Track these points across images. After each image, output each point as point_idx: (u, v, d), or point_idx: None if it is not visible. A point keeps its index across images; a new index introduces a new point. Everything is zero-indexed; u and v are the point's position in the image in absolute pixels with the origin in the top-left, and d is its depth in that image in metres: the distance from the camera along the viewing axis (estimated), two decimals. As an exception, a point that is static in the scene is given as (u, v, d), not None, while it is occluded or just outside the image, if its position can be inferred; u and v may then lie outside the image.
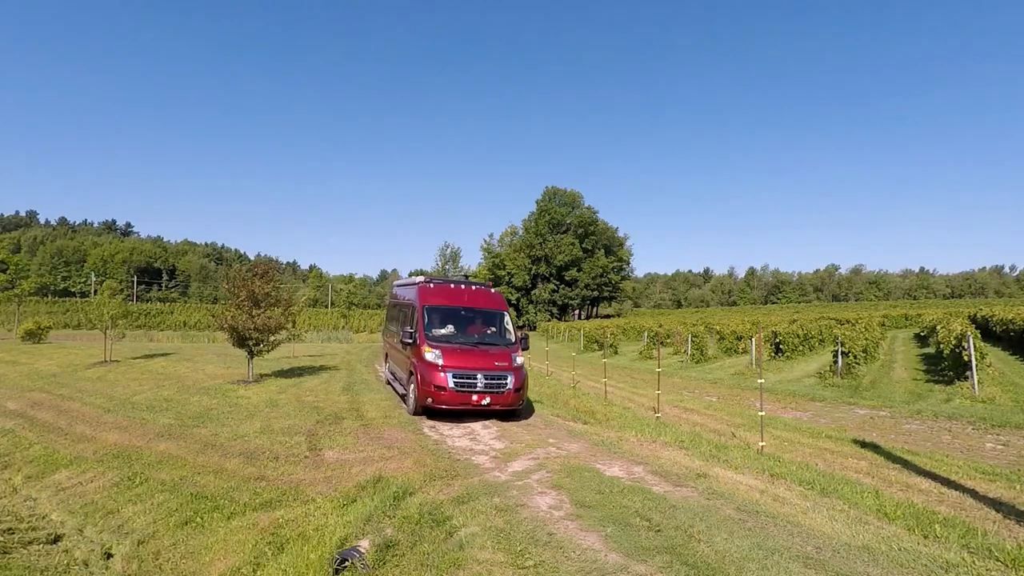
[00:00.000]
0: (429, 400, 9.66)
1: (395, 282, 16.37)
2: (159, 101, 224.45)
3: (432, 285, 11.48)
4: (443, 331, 10.61)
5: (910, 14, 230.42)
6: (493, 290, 11.95)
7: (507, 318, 11.44)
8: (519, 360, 10.41)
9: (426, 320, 10.57)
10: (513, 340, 10.99)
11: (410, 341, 10.39)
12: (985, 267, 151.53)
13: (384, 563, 4.78)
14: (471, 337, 10.79)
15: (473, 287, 11.69)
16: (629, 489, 6.31)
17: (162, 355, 23.30)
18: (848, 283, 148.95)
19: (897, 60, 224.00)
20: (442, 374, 9.59)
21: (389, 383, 14.26)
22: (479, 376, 9.71)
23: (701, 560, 4.47)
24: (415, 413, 10.27)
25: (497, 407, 9.85)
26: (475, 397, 9.62)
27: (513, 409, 10.24)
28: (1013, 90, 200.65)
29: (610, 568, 4.37)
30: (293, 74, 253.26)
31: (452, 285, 11.68)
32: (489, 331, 11.17)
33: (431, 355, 9.84)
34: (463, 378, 9.64)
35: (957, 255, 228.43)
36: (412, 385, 10.31)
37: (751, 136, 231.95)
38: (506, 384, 9.85)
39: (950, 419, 10.42)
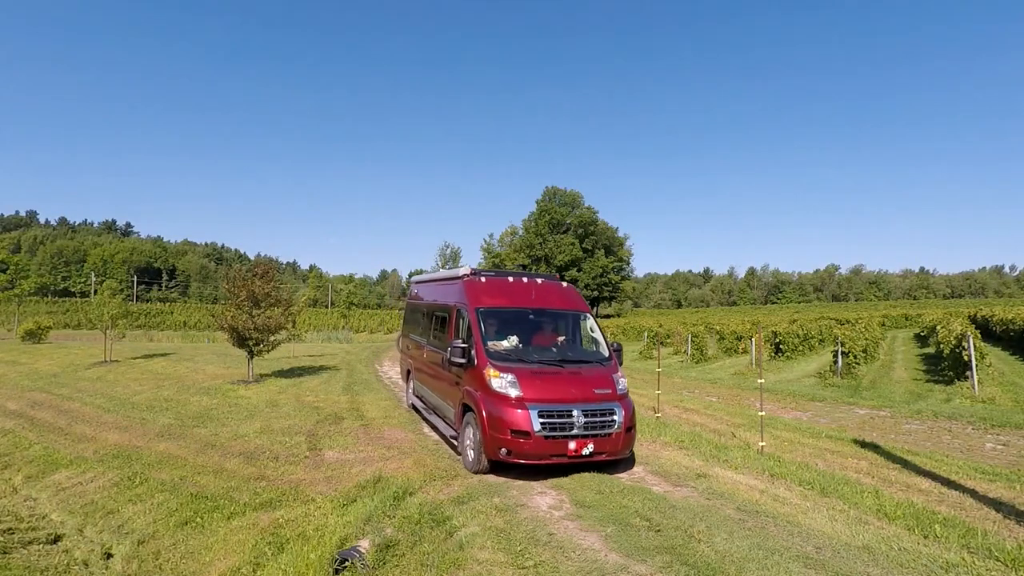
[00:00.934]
0: (503, 451, 6.60)
1: (416, 278, 12.71)
2: (159, 101, 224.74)
3: (484, 280, 8.51)
4: (505, 344, 7.69)
5: (910, 14, 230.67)
6: (565, 284, 9.09)
7: (592, 321, 8.55)
8: (623, 383, 7.46)
9: (482, 330, 7.61)
10: (607, 354, 7.98)
11: (462, 361, 7.39)
12: (985, 267, 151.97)
13: (384, 563, 4.79)
14: (547, 352, 7.86)
15: (539, 280, 8.79)
16: (629, 489, 6.32)
17: (162, 355, 23.31)
18: (848, 283, 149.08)
19: (897, 60, 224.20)
20: (521, 411, 6.59)
21: (416, 409, 10.94)
22: (575, 412, 6.70)
23: (701, 560, 4.47)
24: (479, 470, 7.03)
25: (603, 456, 6.89)
26: (573, 445, 6.61)
27: (622, 458, 7.40)
28: (1013, 90, 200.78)
29: (610, 568, 4.37)
30: (293, 74, 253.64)
31: (511, 279, 8.71)
32: (568, 342, 8.38)
33: (500, 382, 6.86)
34: (554, 417, 6.63)
35: (957, 255, 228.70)
36: (470, 428, 7.24)
37: (751, 136, 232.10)
38: (613, 421, 6.88)
39: (950, 419, 10.42)
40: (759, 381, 9.05)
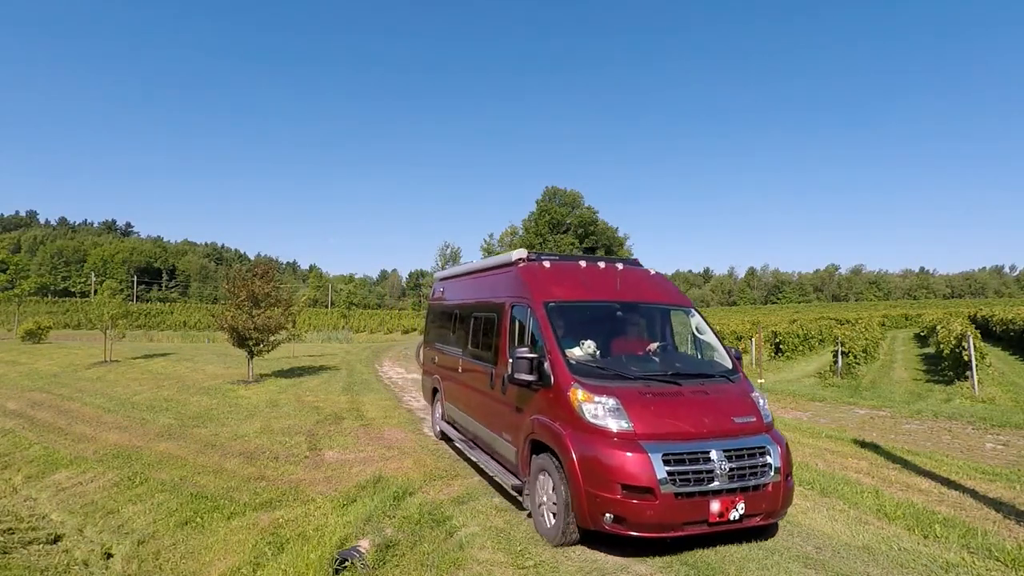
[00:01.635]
0: (608, 517, 4.37)
1: (441, 273, 10.27)
2: (159, 101, 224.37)
3: (548, 265, 6.32)
4: (579, 352, 5.46)
5: (909, 14, 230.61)
6: (653, 271, 6.92)
7: (699, 319, 6.29)
8: (765, 407, 5.22)
9: (556, 333, 5.38)
10: (730, 364, 5.75)
11: (530, 378, 5.22)
12: (985, 267, 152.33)
13: (384, 563, 4.79)
14: (648, 363, 5.81)
15: (619, 265, 6.62)
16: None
17: (162, 355, 23.31)
18: (848, 283, 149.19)
19: (896, 60, 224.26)
20: (634, 455, 4.40)
21: (447, 439, 8.60)
22: (714, 454, 4.53)
23: (701, 560, 4.47)
24: (565, 541, 4.72)
25: (757, 520, 4.66)
26: (716, 506, 4.41)
27: (777, 522, 5.11)
28: (1013, 90, 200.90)
29: (610, 568, 4.37)
30: (293, 75, 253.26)
31: (583, 263, 6.49)
32: (667, 347, 6.35)
33: (595, 408, 4.68)
34: (686, 462, 4.45)
35: (957, 255, 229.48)
36: (547, 478, 4.99)
37: (751, 136, 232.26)
38: (767, 466, 4.68)
39: (950, 419, 10.41)
40: (759, 381, 9.05)
